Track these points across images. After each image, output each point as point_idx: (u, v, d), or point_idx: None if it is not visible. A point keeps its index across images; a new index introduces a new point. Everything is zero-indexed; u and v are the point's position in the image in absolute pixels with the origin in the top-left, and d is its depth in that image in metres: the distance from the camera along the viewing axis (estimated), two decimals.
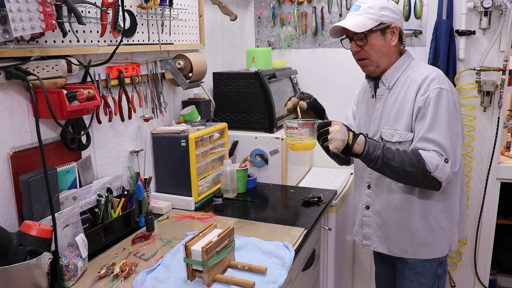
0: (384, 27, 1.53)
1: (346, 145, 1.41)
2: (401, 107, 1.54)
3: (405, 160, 1.43)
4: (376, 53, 1.56)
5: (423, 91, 1.49)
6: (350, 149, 1.43)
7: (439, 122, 1.44)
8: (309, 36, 2.69)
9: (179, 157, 1.90)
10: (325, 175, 2.58)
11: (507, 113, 2.63)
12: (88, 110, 1.50)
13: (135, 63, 1.84)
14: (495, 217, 2.49)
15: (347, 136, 1.42)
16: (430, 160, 1.41)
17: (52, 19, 1.26)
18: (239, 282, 1.25)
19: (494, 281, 2.84)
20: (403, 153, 1.45)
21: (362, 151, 1.43)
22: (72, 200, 1.47)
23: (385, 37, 1.55)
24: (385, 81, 1.61)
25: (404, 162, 1.42)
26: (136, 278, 1.30)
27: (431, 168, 1.41)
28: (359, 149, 1.43)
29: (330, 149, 1.42)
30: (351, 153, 1.44)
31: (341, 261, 2.39)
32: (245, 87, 2.28)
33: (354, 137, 1.43)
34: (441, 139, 1.43)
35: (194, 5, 2.18)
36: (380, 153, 1.43)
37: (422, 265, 1.62)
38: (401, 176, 1.47)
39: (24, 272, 1.13)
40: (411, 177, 1.45)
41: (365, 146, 1.43)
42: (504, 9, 2.21)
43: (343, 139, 1.41)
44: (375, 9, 1.52)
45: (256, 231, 1.66)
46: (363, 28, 1.51)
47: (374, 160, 1.45)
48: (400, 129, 1.54)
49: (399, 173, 1.45)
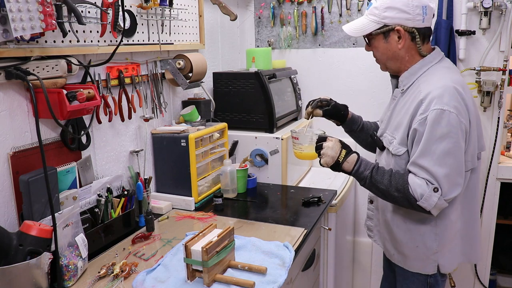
0: (387, 29, 1.45)
1: (335, 162, 1.47)
2: (402, 118, 1.47)
3: (392, 184, 1.40)
4: (381, 56, 1.52)
5: (422, 110, 1.37)
6: (340, 166, 1.47)
7: (433, 147, 1.34)
8: (309, 36, 2.69)
9: (179, 157, 1.90)
10: (325, 175, 2.58)
11: (507, 113, 2.63)
12: (88, 110, 1.50)
13: (135, 63, 1.84)
14: (495, 217, 2.49)
15: (338, 154, 1.47)
16: (415, 188, 1.35)
17: (52, 19, 1.26)
18: (239, 282, 1.25)
19: (494, 281, 2.84)
20: (392, 176, 1.41)
21: (351, 170, 1.47)
22: (72, 200, 1.47)
23: (388, 40, 1.47)
24: (401, 83, 1.54)
25: (391, 186, 1.40)
26: (136, 278, 1.30)
27: (415, 196, 1.35)
28: (348, 167, 1.47)
29: (320, 163, 1.48)
30: (340, 169, 1.48)
31: (341, 261, 2.39)
32: (245, 87, 2.28)
33: (346, 155, 1.46)
34: (432, 167, 1.34)
35: (194, 5, 2.18)
36: (368, 174, 1.44)
37: (410, 273, 1.55)
38: (389, 198, 1.45)
39: (24, 272, 1.13)
40: (397, 201, 1.43)
41: (355, 165, 1.46)
42: (504, 9, 2.21)
43: (333, 156, 1.47)
44: (379, 10, 1.44)
45: (256, 231, 1.66)
46: (361, 32, 1.49)
47: (362, 180, 1.47)
48: (396, 140, 1.48)
49: (386, 195, 1.44)
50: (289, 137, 2.21)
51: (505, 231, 2.87)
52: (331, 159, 1.46)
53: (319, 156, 1.50)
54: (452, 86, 1.36)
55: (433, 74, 1.46)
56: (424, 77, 1.47)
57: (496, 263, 2.94)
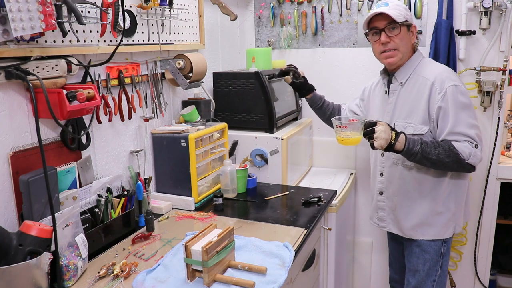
0: (409, 24, 1.73)
1: (389, 144, 1.60)
2: (415, 103, 1.73)
3: (440, 152, 1.62)
4: (404, 46, 1.74)
5: (439, 90, 1.66)
6: (393, 147, 1.61)
7: (462, 116, 1.63)
8: (309, 36, 2.69)
9: (179, 157, 1.90)
10: (325, 175, 2.58)
11: (507, 113, 2.63)
12: (88, 110, 1.50)
13: (135, 63, 1.84)
14: (495, 217, 2.49)
15: (390, 136, 1.60)
16: (463, 150, 1.61)
17: (52, 19, 1.26)
18: (239, 282, 1.25)
19: (494, 281, 2.84)
20: (438, 146, 1.63)
21: (403, 148, 1.62)
22: (72, 200, 1.47)
23: (409, 34, 1.75)
24: (398, 77, 1.80)
25: (440, 154, 1.62)
26: (136, 278, 1.30)
27: (465, 156, 1.61)
28: (400, 146, 1.62)
29: (374, 146, 1.61)
30: (393, 150, 1.62)
31: (341, 261, 2.39)
32: (245, 87, 2.28)
33: (397, 136, 1.61)
34: (467, 130, 1.63)
35: (194, 5, 2.18)
36: (419, 148, 1.62)
37: (428, 243, 1.81)
38: (439, 166, 1.67)
39: (24, 272, 1.13)
40: (447, 166, 1.66)
41: (405, 144, 1.62)
42: (504, 9, 2.21)
43: (387, 138, 1.59)
44: (402, 7, 1.73)
45: (256, 231, 1.66)
46: (401, 19, 1.70)
47: (413, 155, 1.64)
48: (413, 123, 1.72)
49: (437, 164, 1.65)
50: (289, 137, 2.21)
51: (505, 231, 2.87)
52: (385, 141, 1.59)
53: (369, 140, 1.62)
54: (449, 70, 1.76)
55: (427, 65, 1.78)
56: (419, 68, 1.77)
57: (496, 263, 2.95)
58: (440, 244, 1.81)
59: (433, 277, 1.82)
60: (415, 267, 1.85)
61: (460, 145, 1.63)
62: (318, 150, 2.74)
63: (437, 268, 1.82)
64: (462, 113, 1.64)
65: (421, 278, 1.83)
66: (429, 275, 1.82)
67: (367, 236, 2.80)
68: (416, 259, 1.84)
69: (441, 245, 1.81)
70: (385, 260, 2.75)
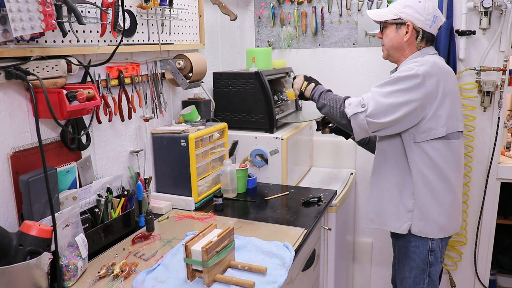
0: (400, 22, 1.70)
1: (300, 92, 1.86)
2: None
3: (332, 98, 1.73)
4: (388, 43, 1.76)
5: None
6: (303, 95, 1.86)
7: (385, 84, 1.63)
8: (309, 36, 2.69)
9: (179, 157, 1.90)
10: (325, 175, 2.58)
11: (507, 113, 2.63)
12: (88, 110, 1.50)
13: (135, 63, 1.84)
14: (495, 217, 2.49)
15: (301, 85, 1.86)
16: (349, 100, 1.66)
17: (52, 19, 1.26)
18: (239, 282, 1.25)
19: (494, 281, 2.84)
20: (335, 95, 1.75)
21: (309, 95, 1.84)
22: (72, 200, 1.47)
23: (398, 31, 1.72)
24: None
25: (330, 99, 1.73)
26: (136, 278, 1.30)
27: (345, 103, 1.67)
28: (307, 94, 1.84)
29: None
30: (304, 97, 1.87)
31: (341, 261, 2.39)
32: (245, 87, 2.28)
33: (307, 86, 1.84)
34: (372, 91, 1.64)
35: (194, 5, 2.18)
36: (317, 96, 1.79)
37: (412, 250, 1.74)
38: (327, 109, 1.74)
39: (24, 272, 1.13)
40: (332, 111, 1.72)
41: (312, 92, 1.82)
42: (504, 9, 2.21)
43: (297, 88, 1.88)
44: (399, 5, 1.71)
45: (256, 231, 1.66)
46: (379, 18, 1.75)
47: (314, 101, 1.81)
48: None
49: (326, 107, 1.74)
50: (289, 137, 2.21)
51: (505, 231, 2.87)
52: (297, 90, 1.88)
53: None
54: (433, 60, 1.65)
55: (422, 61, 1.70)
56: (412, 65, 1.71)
57: (496, 263, 2.95)
58: (425, 252, 1.72)
59: (420, 285, 1.76)
60: (402, 274, 1.82)
61: (352, 98, 1.67)
62: (318, 150, 2.74)
63: (425, 277, 1.75)
64: (387, 82, 1.62)
65: (408, 285, 1.79)
66: (416, 283, 1.77)
67: (367, 236, 2.80)
68: (403, 266, 1.80)
69: (427, 253, 1.72)
70: (385, 260, 2.75)
